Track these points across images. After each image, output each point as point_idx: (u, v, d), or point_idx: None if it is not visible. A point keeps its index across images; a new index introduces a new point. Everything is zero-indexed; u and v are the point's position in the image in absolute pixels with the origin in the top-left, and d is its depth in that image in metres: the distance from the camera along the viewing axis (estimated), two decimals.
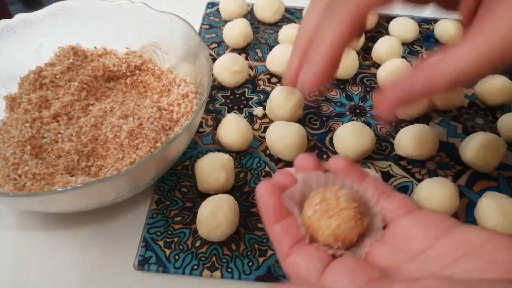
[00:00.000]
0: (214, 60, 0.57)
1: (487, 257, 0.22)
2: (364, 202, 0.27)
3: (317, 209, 0.25)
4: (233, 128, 0.48)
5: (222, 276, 0.39)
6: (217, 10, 0.69)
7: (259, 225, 0.43)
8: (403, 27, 0.64)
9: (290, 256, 0.25)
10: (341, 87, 0.58)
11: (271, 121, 0.52)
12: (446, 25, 0.63)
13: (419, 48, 0.64)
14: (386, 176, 0.48)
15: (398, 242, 0.25)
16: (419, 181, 0.47)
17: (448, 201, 0.42)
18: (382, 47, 0.59)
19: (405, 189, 0.47)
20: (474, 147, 0.46)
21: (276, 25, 0.67)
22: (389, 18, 0.67)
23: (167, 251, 0.41)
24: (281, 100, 0.50)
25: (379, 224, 0.26)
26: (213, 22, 0.67)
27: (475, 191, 0.47)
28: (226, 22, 0.64)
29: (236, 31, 0.60)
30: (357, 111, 0.55)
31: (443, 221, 0.25)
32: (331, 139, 0.51)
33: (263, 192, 0.27)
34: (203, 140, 0.51)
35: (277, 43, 0.62)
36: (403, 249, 0.24)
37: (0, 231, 0.44)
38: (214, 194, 0.43)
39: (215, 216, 0.39)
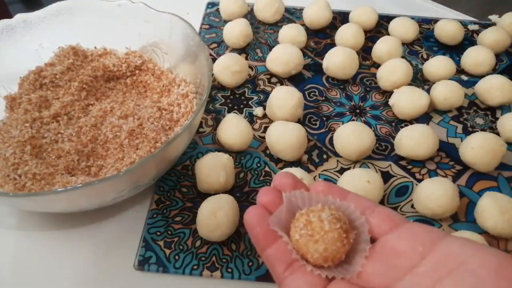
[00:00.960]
0: (214, 60, 0.57)
1: (472, 275, 0.22)
2: (348, 215, 0.27)
3: (302, 233, 0.26)
4: (233, 128, 0.48)
5: (222, 276, 0.40)
6: (217, 10, 0.69)
7: None
8: (403, 27, 0.63)
9: (286, 279, 0.26)
10: (341, 87, 0.58)
11: (271, 121, 0.52)
12: (446, 25, 0.63)
13: (419, 48, 0.64)
14: (386, 176, 0.48)
15: (388, 259, 0.25)
16: (419, 181, 0.47)
17: (448, 201, 0.42)
18: (382, 47, 0.59)
19: (405, 189, 0.47)
20: (474, 147, 0.46)
21: (276, 25, 0.67)
22: (389, 18, 0.67)
23: (167, 251, 0.41)
24: (281, 100, 0.50)
25: (366, 236, 0.26)
26: (213, 22, 0.67)
27: (475, 191, 0.47)
28: (226, 22, 0.64)
29: (236, 31, 0.60)
30: (357, 111, 0.55)
31: (429, 234, 0.25)
32: (331, 139, 0.51)
33: (251, 220, 0.28)
34: (203, 140, 0.51)
35: (277, 43, 0.62)
36: (393, 267, 0.25)
37: (0, 231, 0.44)
38: (214, 194, 0.43)
39: (215, 216, 0.39)
